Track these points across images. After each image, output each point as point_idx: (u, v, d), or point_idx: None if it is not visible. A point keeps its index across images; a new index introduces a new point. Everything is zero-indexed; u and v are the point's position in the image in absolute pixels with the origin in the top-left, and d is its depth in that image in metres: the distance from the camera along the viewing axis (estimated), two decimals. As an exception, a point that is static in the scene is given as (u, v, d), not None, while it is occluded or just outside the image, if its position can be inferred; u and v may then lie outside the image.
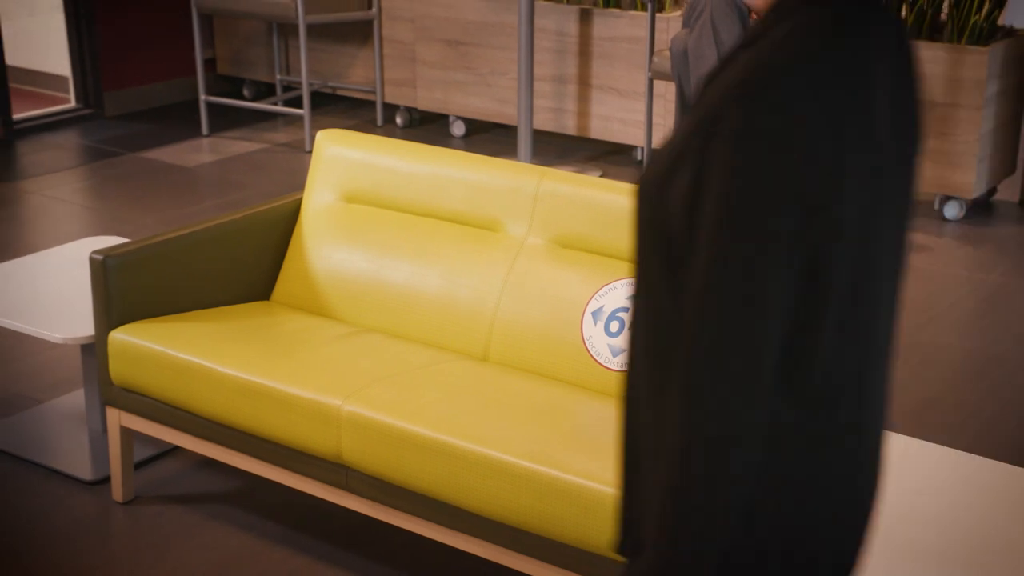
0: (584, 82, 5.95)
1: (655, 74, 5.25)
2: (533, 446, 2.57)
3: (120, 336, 3.09)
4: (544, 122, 6.09)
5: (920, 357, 4.13)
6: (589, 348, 2.91)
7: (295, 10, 6.01)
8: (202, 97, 6.41)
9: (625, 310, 2.89)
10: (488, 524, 2.61)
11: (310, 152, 6.13)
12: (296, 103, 6.83)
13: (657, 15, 5.50)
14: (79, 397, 3.75)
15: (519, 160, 5.61)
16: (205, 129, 6.46)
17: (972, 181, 5.21)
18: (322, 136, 3.46)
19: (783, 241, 1.34)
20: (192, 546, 3.10)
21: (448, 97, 6.33)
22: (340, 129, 3.50)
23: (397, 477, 2.70)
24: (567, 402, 2.81)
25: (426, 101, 6.41)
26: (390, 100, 6.60)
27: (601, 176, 5.51)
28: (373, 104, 6.76)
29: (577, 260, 3.01)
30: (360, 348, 3.04)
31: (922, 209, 5.44)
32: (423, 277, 3.18)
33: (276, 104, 6.68)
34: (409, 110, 6.60)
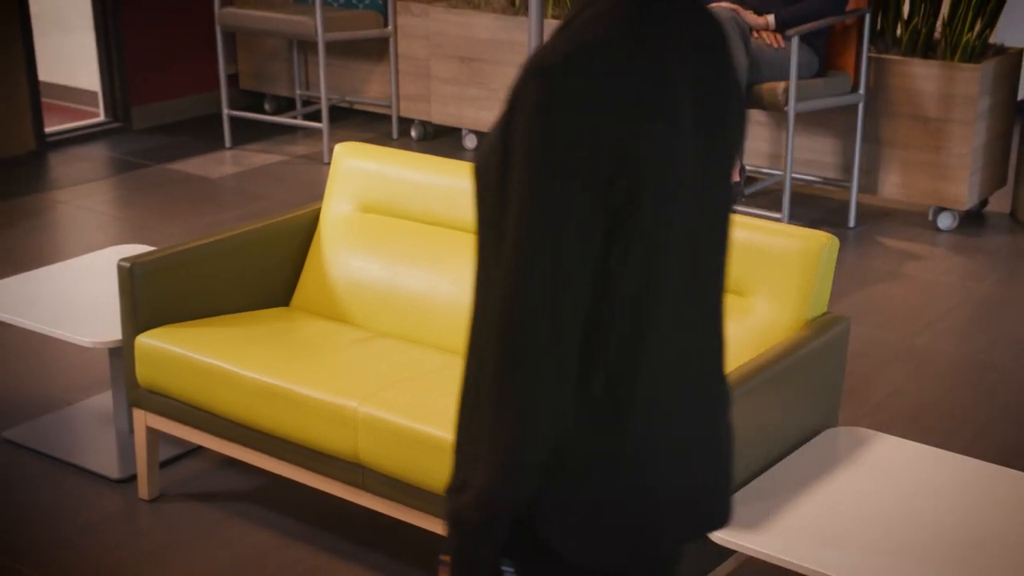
0: (591, 97, 5.93)
1: (660, 90, 5.22)
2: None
3: (146, 340, 3.08)
4: (553, 136, 6.07)
5: (916, 362, 4.10)
6: (597, 353, 2.89)
7: (314, 28, 6.01)
8: (225, 111, 6.41)
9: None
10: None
11: (328, 164, 6.12)
12: (315, 117, 6.83)
13: (662, 33, 5.49)
14: (107, 399, 3.75)
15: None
16: (228, 142, 6.45)
17: (965, 193, 5.19)
18: (340, 149, 3.45)
19: (578, 211, 1.37)
20: (214, 542, 3.09)
21: (461, 111, 6.32)
22: (357, 142, 3.48)
23: (412, 476, 2.68)
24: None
25: (440, 115, 6.41)
26: (405, 114, 6.60)
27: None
28: (389, 118, 6.75)
29: (585, 268, 2.99)
30: (376, 352, 3.03)
31: (917, 220, 5.42)
32: (437, 284, 3.17)
33: (296, 118, 6.67)
34: (423, 124, 6.59)
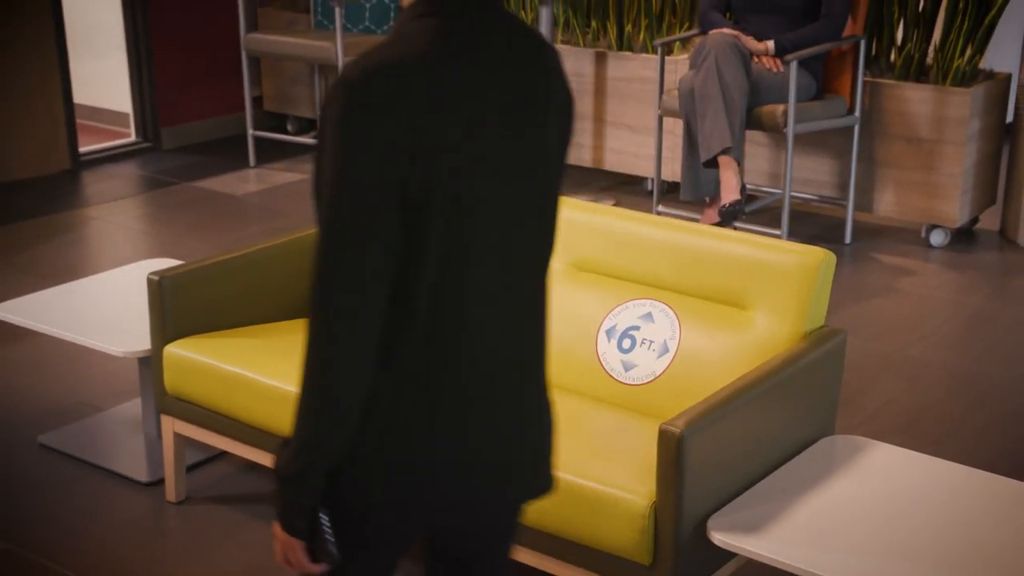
0: (599, 119, 5.95)
1: (664, 112, 5.24)
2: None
3: (174, 350, 3.09)
4: (562, 156, 6.07)
5: (910, 373, 4.10)
6: (603, 363, 2.90)
7: (335, 53, 6.03)
8: (250, 132, 6.43)
9: (636, 328, 2.88)
10: (510, 525, 2.59)
11: (348, 182, 6.12)
12: (336, 138, 6.84)
13: (667, 58, 5.50)
14: (136, 406, 3.76)
15: (539, 190, 5.58)
16: (252, 161, 6.48)
17: (956, 211, 5.18)
18: (359, 168, 3.45)
19: (376, 212, 1.46)
20: (238, 543, 3.09)
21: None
22: (376, 161, 3.49)
23: (426, 481, 2.68)
24: (582, 412, 2.79)
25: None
26: (421, 135, 6.60)
27: (615, 204, 5.50)
28: (406, 139, 6.76)
29: (593, 282, 3.00)
30: (393, 362, 3.03)
31: (910, 237, 5.42)
32: (451, 297, 3.17)
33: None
34: (439, 144, 6.60)
